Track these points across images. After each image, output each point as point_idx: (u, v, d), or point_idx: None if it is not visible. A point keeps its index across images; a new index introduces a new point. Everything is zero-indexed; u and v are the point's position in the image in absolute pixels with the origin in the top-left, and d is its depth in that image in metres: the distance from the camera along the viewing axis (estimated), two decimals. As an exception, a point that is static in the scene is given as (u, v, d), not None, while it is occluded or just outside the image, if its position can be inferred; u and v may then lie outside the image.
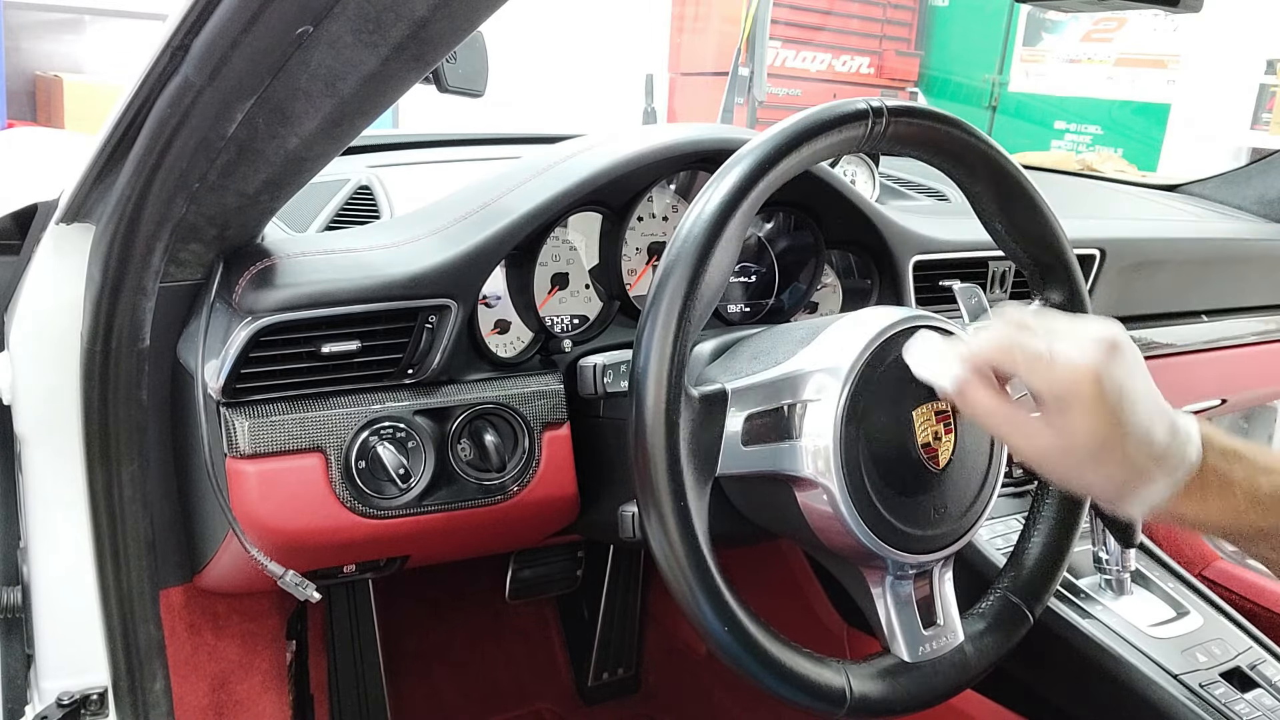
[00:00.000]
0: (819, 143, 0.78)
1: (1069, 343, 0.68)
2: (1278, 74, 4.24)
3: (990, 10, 5.98)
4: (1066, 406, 0.66)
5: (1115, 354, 0.67)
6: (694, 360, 0.88)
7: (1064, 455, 0.68)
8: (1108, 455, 0.67)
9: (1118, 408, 0.66)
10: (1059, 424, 0.67)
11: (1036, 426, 0.68)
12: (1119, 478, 0.67)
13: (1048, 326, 0.70)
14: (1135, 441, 0.67)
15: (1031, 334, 0.69)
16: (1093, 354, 0.66)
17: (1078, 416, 0.66)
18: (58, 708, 0.95)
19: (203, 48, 0.66)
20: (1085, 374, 0.66)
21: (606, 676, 1.77)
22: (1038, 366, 0.67)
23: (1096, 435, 0.66)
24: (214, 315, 0.89)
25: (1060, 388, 0.66)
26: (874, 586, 0.82)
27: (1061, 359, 0.67)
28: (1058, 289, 0.92)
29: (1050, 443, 0.68)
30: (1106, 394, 0.66)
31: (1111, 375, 0.66)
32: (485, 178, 1.04)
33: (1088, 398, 0.66)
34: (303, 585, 0.93)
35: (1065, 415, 0.66)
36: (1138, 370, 0.68)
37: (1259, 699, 1.04)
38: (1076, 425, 0.66)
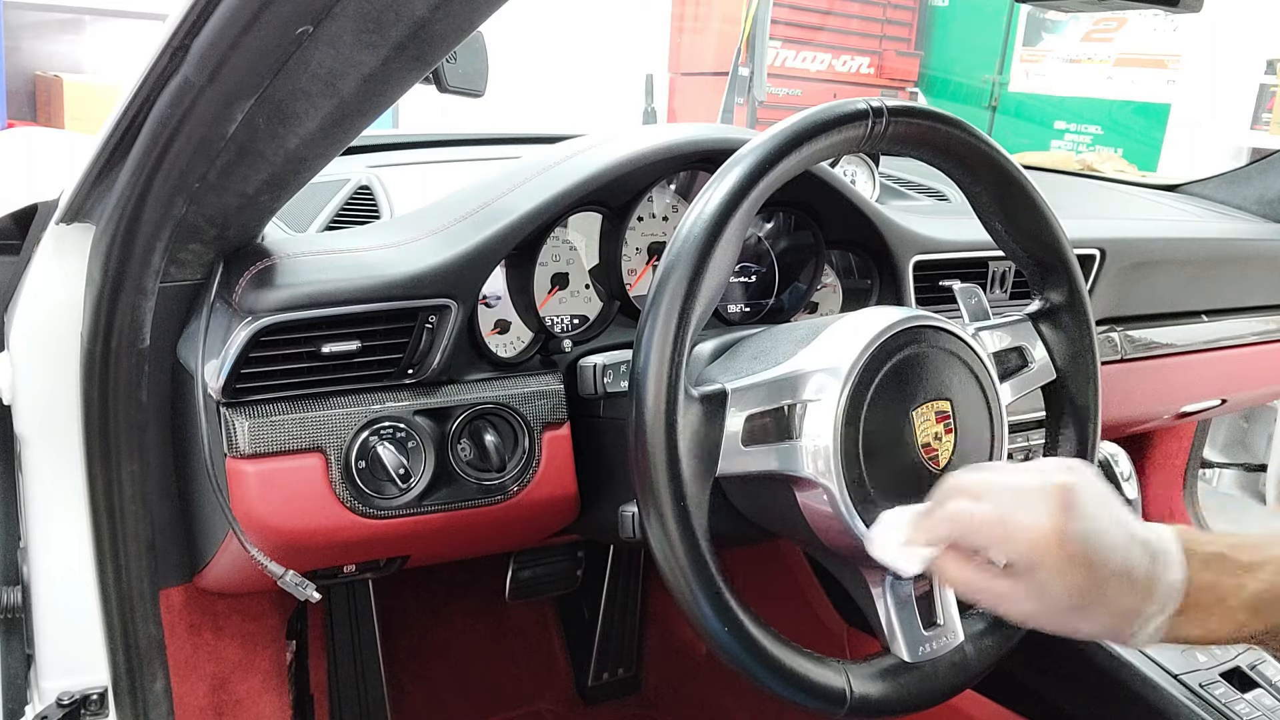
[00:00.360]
0: (819, 143, 0.78)
1: (1019, 505, 0.66)
2: (1278, 74, 4.24)
3: (990, 10, 5.98)
4: (1035, 570, 0.65)
5: (1070, 504, 0.65)
6: (694, 360, 0.88)
7: (1050, 614, 0.67)
8: (1091, 604, 0.65)
9: (1089, 560, 0.65)
10: (1034, 587, 0.66)
11: (1015, 592, 0.67)
12: (1111, 623, 0.66)
13: (996, 488, 0.68)
14: (1116, 584, 0.65)
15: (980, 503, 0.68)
16: (1046, 513, 0.65)
17: (1049, 577, 0.65)
18: (58, 708, 0.95)
19: (203, 48, 0.66)
20: (1044, 536, 0.64)
21: (606, 676, 1.77)
22: (995, 536, 0.66)
23: (1073, 591, 0.65)
24: (214, 315, 0.89)
25: (1024, 556, 0.65)
26: (874, 586, 0.82)
27: (1018, 523, 0.65)
28: (1058, 289, 0.92)
29: (1032, 605, 0.67)
30: (1071, 549, 0.64)
31: (1074, 530, 0.64)
32: (485, 178, 1.04)
33: (1054, 560, 0.64)
34: (303, 585, 0.93)
35: (1037, 578, 0.65)
36: (1099, 511, 0.66)
37: (1259, 699, 1.04)
38: (1050, 586, 0.65)
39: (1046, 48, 5.55)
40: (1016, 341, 0.92)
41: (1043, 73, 5.56)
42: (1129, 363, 1.48)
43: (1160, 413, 1.65)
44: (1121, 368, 1.46)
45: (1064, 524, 0.64)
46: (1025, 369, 0.92)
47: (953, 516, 0.69)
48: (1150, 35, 4.97)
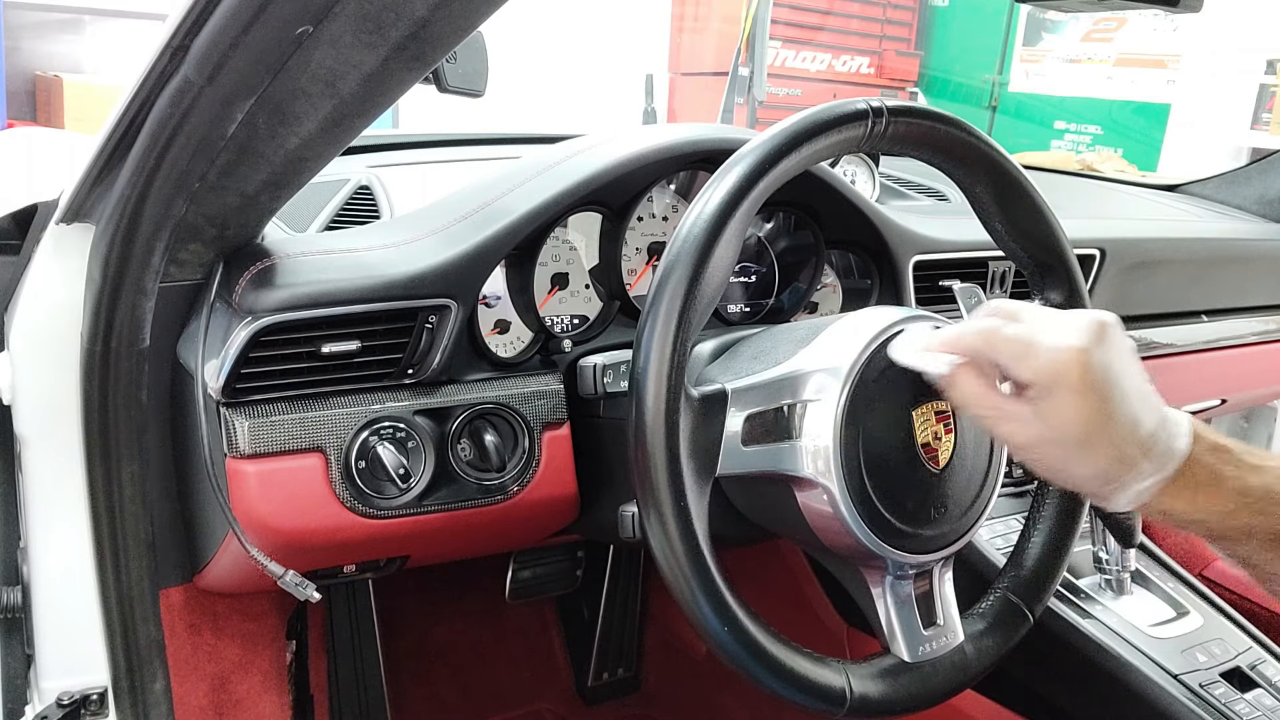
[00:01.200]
0: (819, 143, 0.78)
1: (1054, 328, 0.67)
2: (1278, 74, 4.24)
3: (990, 10, 5.98)
4: (1052, 391, 0.65)
5: (1103, 337, 0.66)
6: (694, 360, 0.88)
7: (1051, 444, 0.67)
8: (1095, 442, 0.66)
9: (1104, 392, 0.65)
10: (1045, 410, 0.66)
11: (1023, 414, 0.67)
12: (1106, 468, 0.66)
13: (1034, 315, 0.69)
14: (1122, 429, 0.66)
15: (1016, 323, 0.69)
16: (1079, 337, 0.66)
17: (1063, 400, 0.65)
18: (58, 708, 0.95)
19: (203, 48, 0.66)
20: (1070, 356, 0.65)
21: (606, 676, 1.77)
22: (1021, 352, 0.67)
23: (1083, 420, 0.65)
24: (214, 315, 0.89)
25: (1045, 372, 0.66)
26: (874, 586, 0.81)
27: (1046, 343, 0.66)
28: (1058, 289, 0.92)
29: (1037, 431, 0.67)
30: (1092, 377, 0.65)
31: (1098, 358, 0.65)
32: (485, 178, 1.04)
33: (1073, 380, 0.65)
34: (303, 585, 0.93)
35: (1051, 400, 0.65)
36: (1127, 357, 0.67)
37: (1259, 699, 1.04)
38: (1062, 410, 0.65)
39: (1046, 48, 5.55)
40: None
41: (1043, 73, 5.56)
42: (1129, 363, 1.47)
43: (1160, 413, 1.65)
44: (1121, 368, 1.46)
45: (1092, 348, 0.65)
46: (1025, 369, 0.92)
47: (983, 329, 0.69)
48: (1150, 35, 4.97)
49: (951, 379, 0.71)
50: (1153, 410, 0.67)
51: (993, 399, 0.69)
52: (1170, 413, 0.68)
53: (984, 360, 0.69)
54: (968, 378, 0.70)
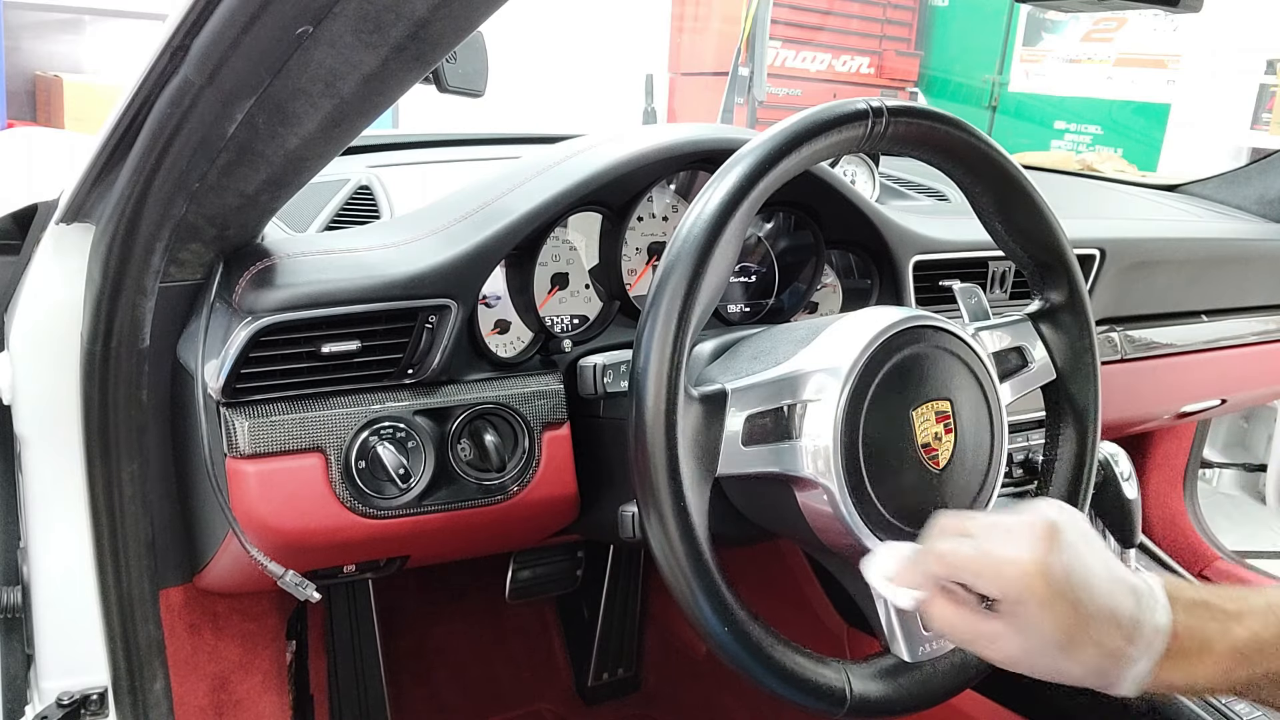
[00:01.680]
0: (819, 143, 0.78)
1: (1006, 541, 0.67)
2: (1278, 74, 4.24)
3: (990, 10, 5.98)
4: (1021, 605, 0.66)
5: (1054, 540, 0.66)
6: (694, 360, 0.88)
7: (1035, 654, 0.67)
8: (1078, 643, 0.66)
9: (1072, 594, 0.65)
10: (1020, 624, 0.66)
11: (1001, 631, 0.67)
12: (1097, 664, 0.66)
13: (984, 525, 0.69)
14: (1100, 624, 0.66)
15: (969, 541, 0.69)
16: (1030, 547, 0.66)
17: (1035, 612, 0.65)
18: (58, 708, 0.95)
19: (203, 48, 0.66)
20: (1028, 569, 0.65)
21: (606, 676, 1.77)
22: (980, 570, 0.67)
23: (1059, 627, 0.65)
24: (214, 315, 0.89)
25: (1009, 589, 0.66)
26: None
27: (1002, 556, 0.66)
28: (1058, 289, 0.92)
29: (1018, 645, 0.67)
30: (1055, 583, 0.65)
31: (1056, 563, 0.65)
32: (485, 178, 1.04)
33: (1038, 592, 0.65)
34: (303, 585, 0.93)
35: (1023, 614, 0.66)
36: (1084, 548, 0.67)
37: (1259, 699, 1.04)
38: (1037, 621, 0.65)
39: (1046, 48, 5.55)
40: (1016, 341, 0.92)
41: (1043, 73, 5.56)
42: (1129, 363, 1.48)
43: (1160, 413, 1.65)
44: (1121, 368, 1.46)
45: (1047, 557, 0.65)
46: (1025, 369, 0.92)
47: (940, 554, 0.69)
48: (1150, 35, 4.97)
49: (925, 608, 0.71)
50: (1126, 592, 0.67)
51: (968, 622, 0.69)
52: (1142, 585, 0.68)
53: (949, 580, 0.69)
54: (940, 604, 0.70)
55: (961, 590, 0.69)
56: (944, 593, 0.70)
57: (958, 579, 0.68)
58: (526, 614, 1.79)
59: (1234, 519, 2.89)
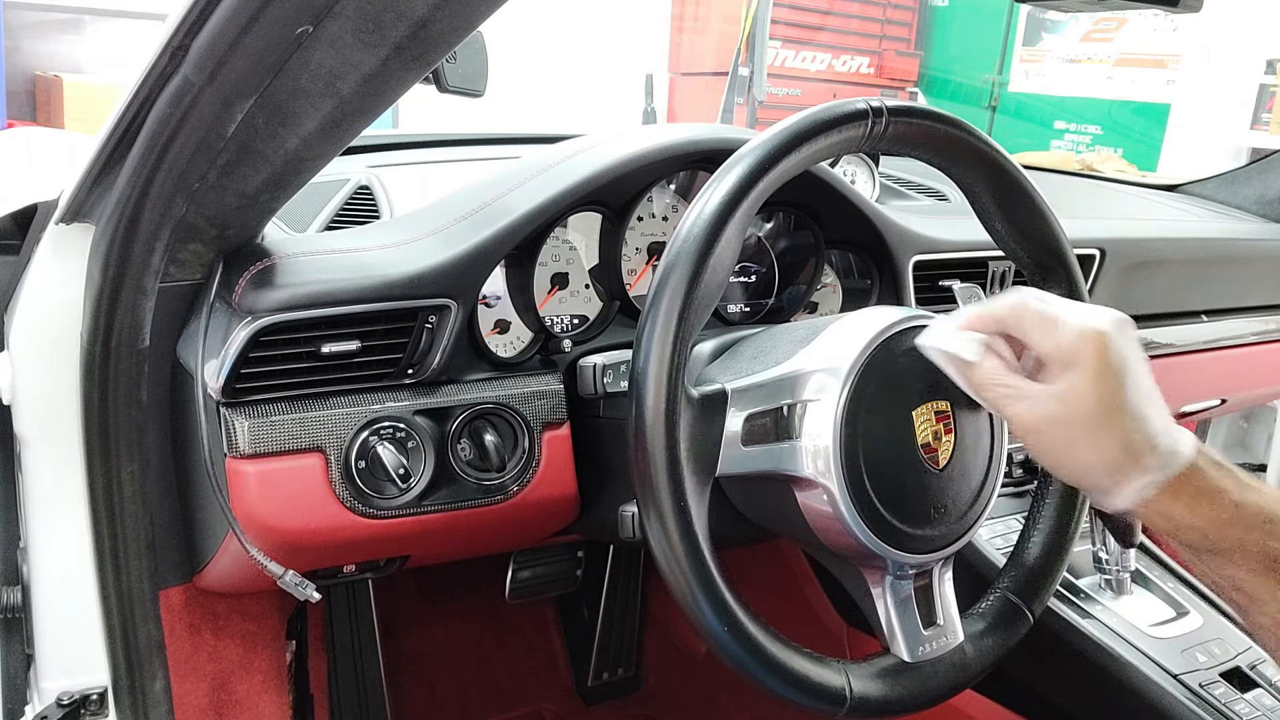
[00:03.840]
0: (819, 143, 0.78)
1: (1079, 310, 0.70)
2: (1278, 74, 4.24)
3: (990, 10, 5.98)
4: (1070, 368, 0.68)
5: (1123, 327, 0.69)
6: (694, 360, 0.88)
7: (1061, 425, 0.69)
8: (1106, 428, 0.67)
9: (1120, 378, 0.67)
10: (1060, 390, 0.68)
11: (1038, 393, 0.69)
12: (1112, 457, 0.68)
13: (1059, 300, 0.72)
14: (1132, 418, 0.67)
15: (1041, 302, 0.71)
16: (1102, 321, 0.68)
17: (1082, 378, 0.67)
18: (58, 708, 0.95)
19: (203, 48, 0.66)
20: (1093, 336, 0.67)
21: (606, 676, 1.77)
22: (1046, 327, 0.69)
23: (1096, 401, 0.67)
24: (214, 315, 0.89)
25: (1067, 348, 0.68)
26: (874, 586, 0.81)
27: (1071, 320, 0.69)
28: (1058, 289, 0.92)
29: (1051, 410, 0.68)
30: (1111, 360, 0.67)
31: (1118, 344, 0.67)
32: (485, 178, 1.04)
33: (1094, 359, 0.67)
34: (303, 585, 0.93)
35: (1069, 377, 0.68)
36: (1141, 355, 0.69)
37: (1259, 699, 1.04)
38: (1078, 388, 0.67)
39: (1046, 48, 5.55)
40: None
41: (1043, 73, 5.56)
42: (1129, 363, 1.47)
43: (1160, 413, 1.65)
44: (1121, 368, 1.46)
45: (1113, 334, 0.68)
46: (1025, 369, 0.92)
47: (1011, 303, 0.71)
48: (1150, 35, 4.97)
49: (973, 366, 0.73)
50: (1160, 413, 0.69)
51: (1009, 377, 0.71)
52: (1174, 424, 0.70)
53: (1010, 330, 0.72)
54: (990, 359, 0.72)
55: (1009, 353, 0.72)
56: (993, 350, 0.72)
57: (1023, 328, 0.71)
58: (526, 614, 1.79)
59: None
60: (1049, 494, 0.91)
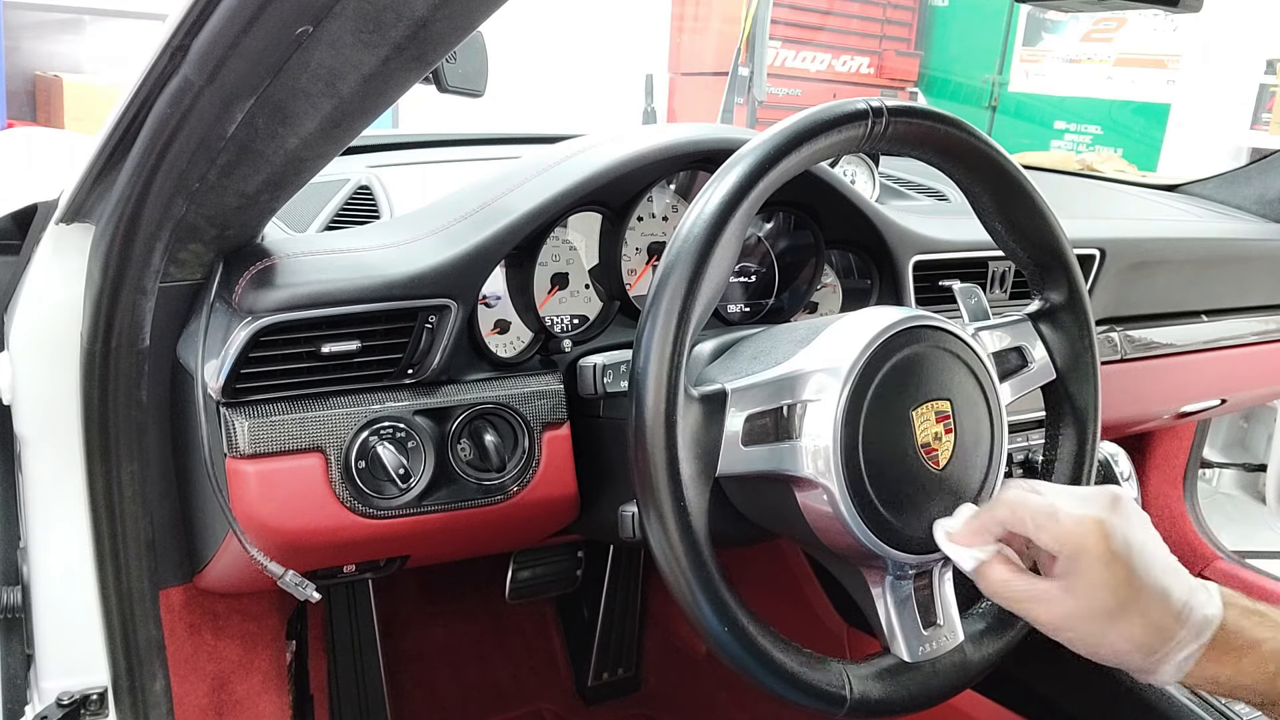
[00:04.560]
0: (819, 143, 0.78)
1: (1073, 499, 0.69)
2: (1278, 74, 4.24)
3: (990, 10, 5.98)
4: (1078, 562, 0.67)
5: (1118, 505, 0.68)
6: (694, 360, 0.88)
7: (1084, 619, 0.68)
8: (1128, 612, 0.67)
9: (1128, 559, 0.67)
10: (1073, 584, 0.67)
11: (1055, 593, 0.69)
12: (1143, 639, 0.67)
13: (1052, 489, 0.72)
14: (1153, 597, 0.67)
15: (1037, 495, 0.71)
16: (1096, 507, 0.68)
17: (1090, 570, 0.67)
18: (58, 708, 0.95)
19: (203, 48, 0.66)
20: (1091, 525, 0.67)
21: (606, 676, 1.77)
22: (1044, 522, 0.69)
23: (1111, 589, 0.66)
24: (214, 315, 0.89)
25: (1069, 543, 0.67)
26: (874, 586, 0.81)
27: (1067, 510, 0.68)
28: (1058, 289, 0.92)
29: (1070, 606, 0.68)
30: (1114, 544, 0.67)
31: (1118, 526, 0.67)
32: (485, 178, 1.04)
33: (1097, 549, 0.67)
34: (303, 585, 0.93)
35: (1078, 573, 0.67)
36: (1147, 528, 0.69)
37: (1259, 699, 1.04)
38: (1090, 580, 0.67)
39: (1046, 48, 5.55)
40: (1016, 341, 0.92)
41: (1043, 73, 5.56)
42: (1129, 363, 1.48)
43: (1160, 413, 1.65)
44: (1121, 368, 1.46)
45: (1110, 517, 0.67)
46: (1025, 369, 0.92)
47: (1007, 501, 0.72)
48: (1150, 35, 4.97)
49: (981, 570, 0.73)
50: (1181, 581, 0.69)
51: (1022, 581, 0.71)
52: (1197, 582, 0.70)
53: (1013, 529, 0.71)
54: (997, 565, 0.72)
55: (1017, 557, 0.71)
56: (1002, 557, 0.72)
57: (1022, 528, 0.70)
58: (526, 614, 1.79)
59: (1234, 519, 2.89)
60: (1049, 494, 0.91)
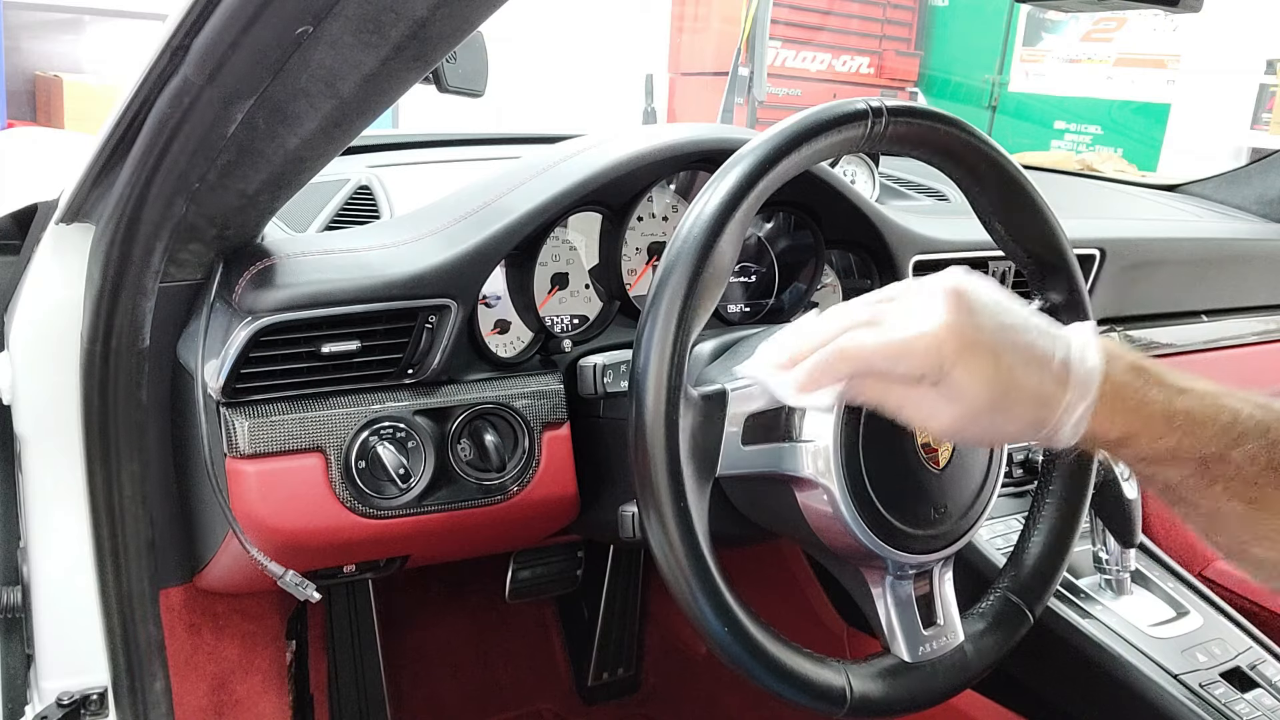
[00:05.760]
0: (819, 143, 0.78)
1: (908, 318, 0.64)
2: (1278, 74, 4.24)
3: (990, 10, 5.98)
4: (943, 375, 0.63)
5: (959, 301, 0.64)
6: (694, 360, 0.88)
7: (970, 419, 0.64)
8: (1009, 398, 0.63)
9: (990, 348, 0.63)
10: (948, 391, 0.64)
11: (931, 399, 0.65)
12: (1033, 415, 0.64)
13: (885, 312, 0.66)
14: (1027, 370, 0.63)
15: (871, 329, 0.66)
16: (935, 316, 0.63)
17: (958, 377, 0.63)
18: (58, 708, 0.95)
19: (203, 48, 0.66)
20: (938, 336, 0.63)
21: (606, 676, 1.77)
22: (893, 354, 0.64)
23: (985, 384, 0.63)
24: (214, 315, 0.89)
25: (925, 364, 0.63)
26: (874, 586, 0.82)
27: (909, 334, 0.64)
28: (1058, 289, 0.92)
29: (953, 412, 0.64)
30: (969, 343, 0.62)
31: (966, 323, 0.63)
32: (485, 178, 1.04)
33: (954, 356, 0.62)
34: (303, 585, 0.93)
35: (948, 383, 0.63)
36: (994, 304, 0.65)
37: (1259, 699, 1.04)
38: (962, 385, 0.63)
39: (1046, 48, 5.56)
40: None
41: (1043, 73, 5.56)
42: (1129, 363, 1.47)
43: (1160, 413, 1.65)
44: (1121, 368, 1.46)
45: (957, 318, 0.63)
46: (1025, 369, 0.92)
47: (843, 352, 0.66)
48: (1150, 35, 4.97)
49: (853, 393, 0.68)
50: (1050, 340, 0.65)
51: (897, 393, 0.66)
52: (1075, 336, 0.66)
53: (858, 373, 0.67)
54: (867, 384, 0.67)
55: None
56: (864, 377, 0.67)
57: (871, 372, 0.66)
58: (526, 614, 1.79)
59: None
60: (1049, 494, 0.91)
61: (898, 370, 0.65)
